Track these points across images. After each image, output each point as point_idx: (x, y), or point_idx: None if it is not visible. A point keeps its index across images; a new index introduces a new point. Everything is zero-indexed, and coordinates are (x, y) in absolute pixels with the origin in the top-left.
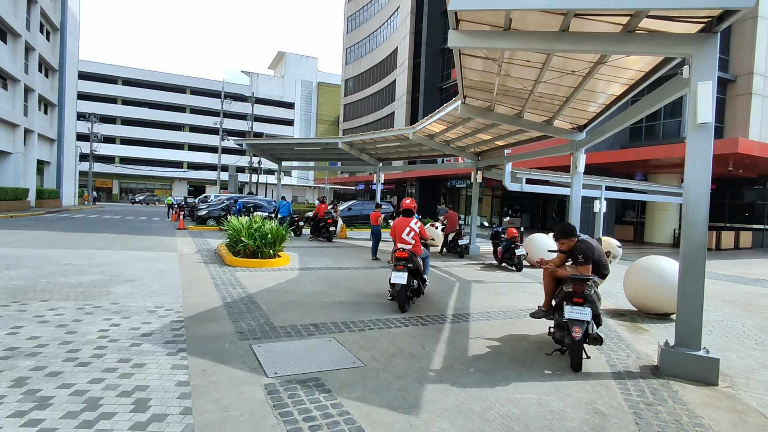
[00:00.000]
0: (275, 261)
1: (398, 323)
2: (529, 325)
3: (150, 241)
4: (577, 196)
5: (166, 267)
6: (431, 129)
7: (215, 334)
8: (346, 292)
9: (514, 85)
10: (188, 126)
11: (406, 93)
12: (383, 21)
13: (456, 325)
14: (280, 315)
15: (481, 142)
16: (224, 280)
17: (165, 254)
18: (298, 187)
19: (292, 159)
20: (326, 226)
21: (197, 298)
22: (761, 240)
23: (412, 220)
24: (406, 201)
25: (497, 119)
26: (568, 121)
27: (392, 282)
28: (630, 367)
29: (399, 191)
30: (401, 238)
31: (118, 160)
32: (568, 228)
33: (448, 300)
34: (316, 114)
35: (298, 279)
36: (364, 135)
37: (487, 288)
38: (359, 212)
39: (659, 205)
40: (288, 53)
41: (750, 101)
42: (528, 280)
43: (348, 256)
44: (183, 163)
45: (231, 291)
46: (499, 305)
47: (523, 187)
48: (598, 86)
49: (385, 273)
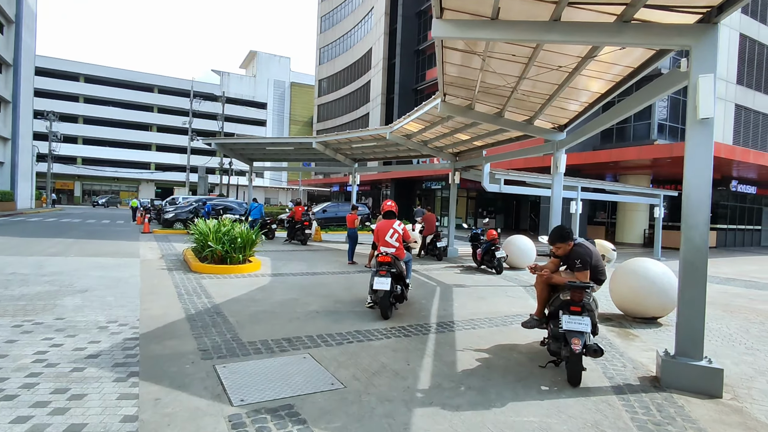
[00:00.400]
0: (245, 267)
1: (379, 334)
2: (518, 334)
3: (110, 246)
4: (558, 196)
5: (125, 275)
6: (409, 128)
7: (174, 353)
8: (322, 300)
9: (497, 81)
10: (156, 126)
11: (381, 94)
12: (357, 21)
13: (441, 335)
14: (249, 328)
15: (459, 142)
16: (189, 289)
17: (126, 260)
18: (271, 189)
19: (263, 159)
20: (301, 228)
21: (157, 310)
22: (725, 239)
23: (395, 222)
24: (387, 203)
25: (478, 118)
26: (548, 120)
27: (374, 288)
28: (629, 379)
29: (374, 193)
30: (384, 241)
31: (81, 160)
32: (564, 231)
33: (431, 306)
34: (290, 114)
35: (270, 286)
36: (340, 134)
37: (470, 292)
38: (334, 214)
39: (630, 206)
40: (260, 52)
41: None
42: (509, 283)
43: (323, 260)
44: (150, 164)
45: (195, 301)
46: (483, 311)
47: (502, 188)
48: (582, 83)
49: (362, 278)
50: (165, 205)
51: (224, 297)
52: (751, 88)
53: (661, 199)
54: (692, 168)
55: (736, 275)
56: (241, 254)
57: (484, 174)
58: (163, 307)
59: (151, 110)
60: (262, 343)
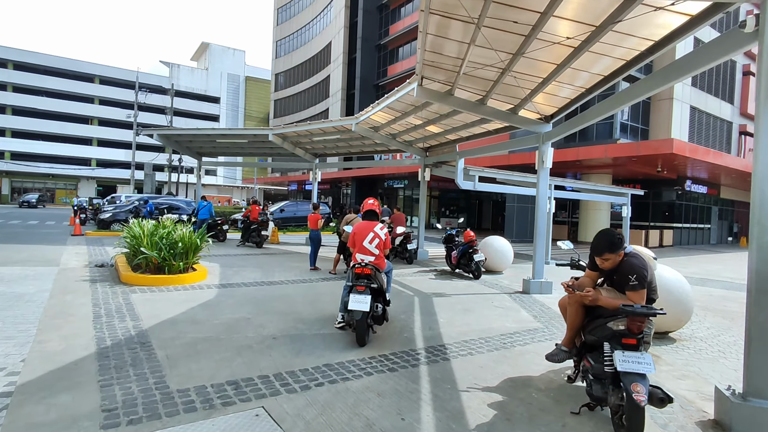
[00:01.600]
0: (188, 276)
1: (357, 369)
2: (525, 361)
3: (26, 251)
4: (544, 194)
5: (30, 290)
6: (376, 119)
7: (60, 420)
8: (281, 319)
9: (486, 59)
10: (97, 119)
11: (341, 89)
12: (316, 14)
13: (434, 366)
14: (183, 366)
15: (431, 135)
16: (111, 308)
17: (39, 270)
18: (224, 187)
19: (214, 154)
20: (257, 229)
21: (57, 344)
22: (680, 238)
23: (377, 224)
24: (369, 201)
25: (458, 105)
26: (534, 110)
27: (350, 308)
28: (686, 428)
29: (334, 191)
30: (362, 248)
31: (9, 155)
32: (615, 238)
33: (412, 323)
34: (244, 109)
35: (216, 301)
36: (299, 126)
37: (452, 303)
38: (293, 214)
39: (592, 204)
40: (212, 44)
41: (671, 105)
42: (491, 290)
43: (281, 265)
44: (91, 161)
45: (116, 326)
46: (474, 328)
47: (476, 186)
48: (585, 62)
49: (328, 287)
50: (104, 203)
51: (155, 318)
52: (704, 90)
53: (629, 198)
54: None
55: (706, 275)
56: (182, 262)
57: (458, 170)
58: (66, 338)
59: (91, 102)
60: (197, 391)
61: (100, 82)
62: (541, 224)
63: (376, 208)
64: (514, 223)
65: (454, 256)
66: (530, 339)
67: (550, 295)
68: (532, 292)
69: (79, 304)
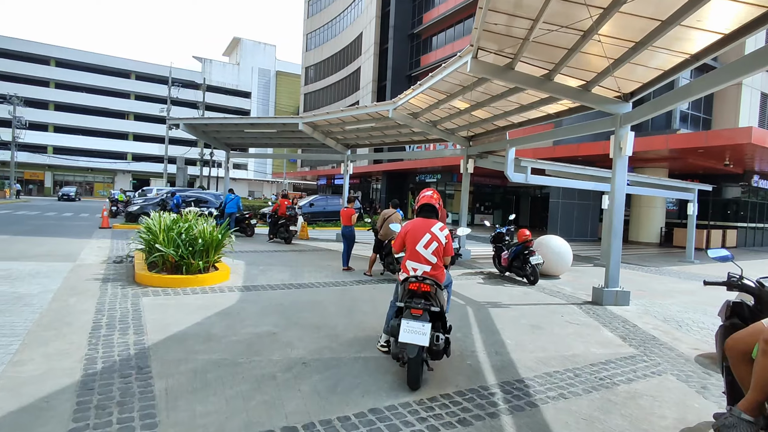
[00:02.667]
0: (208, 277)
1: (416, 420)
2: (640, 407)
3: (48, 245)
4: (621, 187)
5: (33, 290)
6: (416, 104)
7: None
8: (312, 334)
9: (565, 18)
10: (133, 114)
11: (372, 81)
12: (347, 4)
13: (520, 418)
14: (184, 408)
15: (476, 122)
16: (114, 316)
17: (53, 266)
18: (255, 182)
19: (243, 145)
20: (285, 225)
21: (37, 365)
22: (744, 239)
23: (436, 223)
24: (425, 192)
25: (519, 82)
26: (611, 87)
27: (403, 340)
28: None
29: (363, 186)
30: (415, 253)
31: (52, 149)
32: None
33: (473, 343)
34: (275, 104)
35: (238, 308)
36: (331, 113)
37: (514, 317)
38: (322, 208)
39: (646, 201)
40: (244, 39)
41: (740, 92)
42: (554, 300)
43: (311, 264)
44: (127, 155)
45: (114, 342)
46: (552, 353)
47: (528, 178)
48: (698, 18)
49: (364, 292)
50: (135, 196)
51: (163, 331)
52: None
53: (696, 194)
54: None
55: None
56: (201, 260)
57: (508, 161)
58: (51, 358)
59: (128, 97)
60: None
61: (136, 78)
62: (617, 222)
63: (434, 202)
64: (558, 220)
65: (505, 257)
66: (632, 372)
67: (628, 307)
68: (605, 303)
69: (81, 310)
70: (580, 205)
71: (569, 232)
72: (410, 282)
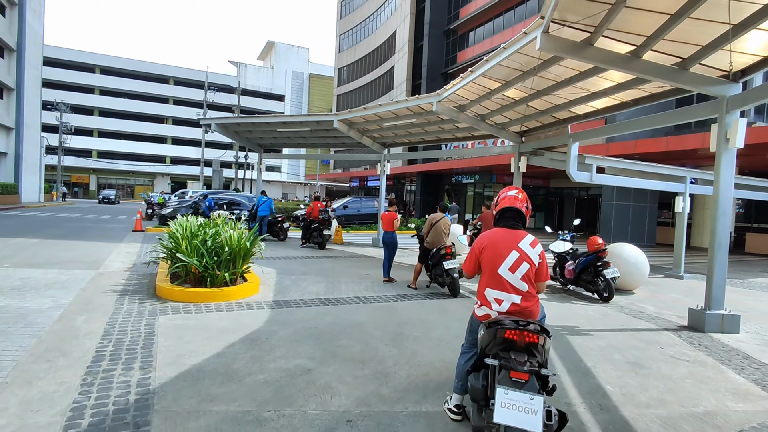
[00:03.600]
0: (235, 290)
1: None
2: None
3: (76, 249)
4: (727, 187)
5: (44, 305)
6: (463, 95)
7: None
8: (355, 373)
9: None
10: (171, 118)
11: (406, 80)
12: (380, 3)
13: None
14: None
15: (532, 114)
16: (123, 342)
17: (74, 274)
18: (288, 184)
19: (276, 145)
20: (319, 228)
21: (6, 419)
22: None
23: (525, 236)
24: (508, 192)
25: (601, 60)
26: (713, 65)
27: (504, 423)
28: None
29: (397, 188)
30: (497, 278)
31: (96, 153)
32: None
33: (564, 391)
34: (308, 106)
35: (266, 332)
36: (368, 109)
37: (603, 348)
38: (356, 211)
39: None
40: (278, 43)
41: None
42: (641, 323)
43: (348, 273)
44: (166, 158)
45: (114, 381)
46: (676, 409)
47: (593, 178)
48: None
49: (411, 311)
50: (169, 198)
51: (176, 365)
52: None
53: None
54: None
55: None
56: (227, 271)
57: (571, 158)
58: (28, 407)
59: (166, 102)
60: None
61: (174, 83)
62: (722, 230)
63: (521, 206)
64: (611, 224)
65: (570, 268)
66: None
67: (739, 336)
68: (707, 330)
69: (87, 332)
70: (636, 207)
71: (624, 237)
72: (506, 328)
